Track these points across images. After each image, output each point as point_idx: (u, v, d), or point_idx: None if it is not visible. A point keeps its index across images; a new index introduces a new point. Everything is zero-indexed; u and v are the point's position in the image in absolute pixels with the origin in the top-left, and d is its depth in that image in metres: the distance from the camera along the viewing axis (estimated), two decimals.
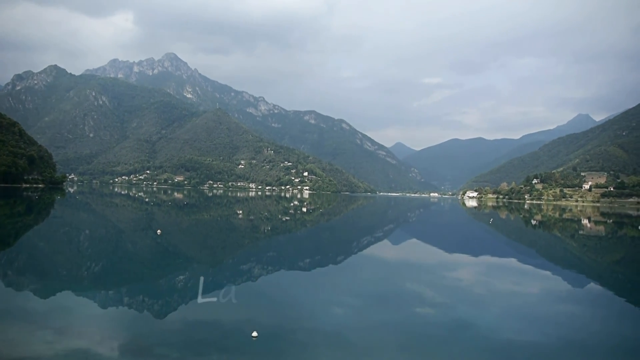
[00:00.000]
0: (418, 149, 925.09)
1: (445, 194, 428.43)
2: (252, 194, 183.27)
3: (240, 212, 61.28)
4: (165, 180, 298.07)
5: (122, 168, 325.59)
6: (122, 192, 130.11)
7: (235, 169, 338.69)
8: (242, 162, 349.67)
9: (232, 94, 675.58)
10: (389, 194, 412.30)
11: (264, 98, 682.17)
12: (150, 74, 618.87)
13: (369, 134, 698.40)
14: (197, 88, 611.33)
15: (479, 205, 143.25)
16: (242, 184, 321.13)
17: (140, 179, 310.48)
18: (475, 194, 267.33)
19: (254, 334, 10.23)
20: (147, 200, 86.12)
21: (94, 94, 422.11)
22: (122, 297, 13.84)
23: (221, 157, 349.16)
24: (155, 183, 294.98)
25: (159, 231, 28.66)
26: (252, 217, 52.58)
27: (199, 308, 12.97)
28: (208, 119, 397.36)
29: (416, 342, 10.68)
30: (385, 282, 18.06)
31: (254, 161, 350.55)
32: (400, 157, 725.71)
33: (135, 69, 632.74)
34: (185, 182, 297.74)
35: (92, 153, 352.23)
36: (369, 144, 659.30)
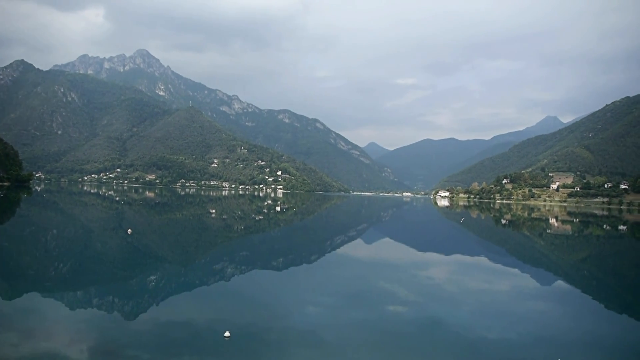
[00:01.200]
0: (391, 148, 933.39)
1: (418, 194, 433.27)
2: (225, 193, 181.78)
3: (213, 211, 60.70)
4: (137, 179, 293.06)
5: (92, 166, 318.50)
6: (92, 191, 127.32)
7: (208, 168, 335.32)
8: (216, 160, 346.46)
9: (206, 92, 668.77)
10: (363, 193, 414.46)
11: (237, 96, 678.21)
12: (122, 70, 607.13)
13: (343, 134, 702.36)
14: (169, 85, 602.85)
15: (450, 204, 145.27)
16: (215, 182, 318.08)
17: (110, 178, 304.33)
18: (447, 194, 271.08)
19: (227, 333, 10.13)
20: (117, 199, 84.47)
21: (62, 90, 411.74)
22: (90, 298, 13.54)
23: (194, 156, 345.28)
24: (126, 182, 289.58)
25: (129, 230, 28.12)
26: (225, 217, 52.14)
27: (170, 308, 12.79)
28: (181, 117, 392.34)
29: (389, 340, 10.75)
30: (359, 280, 18.13)
31: (228, 160, 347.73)
32: (374, 156, 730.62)
33: (106, 65, 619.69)
34: (157, 181, 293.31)
35: (60, 151, 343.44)
36: (343, 144, 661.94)
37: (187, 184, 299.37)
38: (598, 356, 10.49)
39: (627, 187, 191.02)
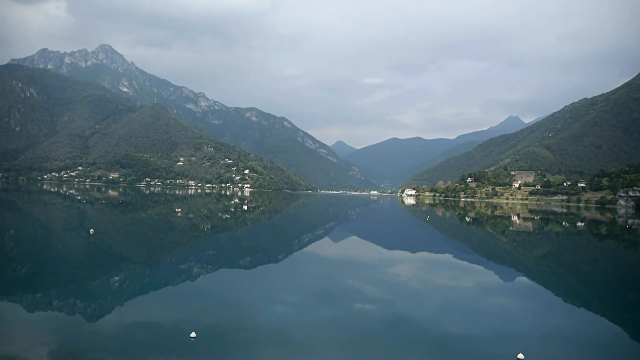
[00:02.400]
0: (359, 147, 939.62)
1: (384, 192, 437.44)
2: (191, 191, 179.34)
3: (179, 210, 59.78)
4: (99, 177, 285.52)
5: (52, 164, 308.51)
6: (52, 190, 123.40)
7: (174, 166, 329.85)
8: (181, 159, 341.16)
9: (171, 89, 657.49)
10: (330, 192, 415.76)
11: (204, 94, 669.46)
12: (84, 65, 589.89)
13: (310, 132, 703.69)
14: (133, 82, 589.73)
15: (417, 203, 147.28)
16: (181, 181, 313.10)
17: (71, 176, 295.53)
18: (413, 192, 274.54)
19: (193, 334, 9.99)
20: (79, 198, 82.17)
21: (20, 85, 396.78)
22: (50, 301, 13.12)
23: (159, 154, 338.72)
24: (88, 180, 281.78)
25: (91, 230, 27.39)
26: (191, 216, 51.44)
27: (134, 309, 12.53)
28: (145, 114, 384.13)
29: (357, 338, 10.81)
30: (327, 279, 18.18)
31: (194, 158, 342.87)
32: (341, 155, 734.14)
33: (67, 60, 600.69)
34: (121, 180, 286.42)
35: (18, 148, 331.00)
36: (311, 142, 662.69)
37: (152, 183, 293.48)
38: (558, 349, 10.82)
39: (584, 185, 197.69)
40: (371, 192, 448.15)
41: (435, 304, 14.79)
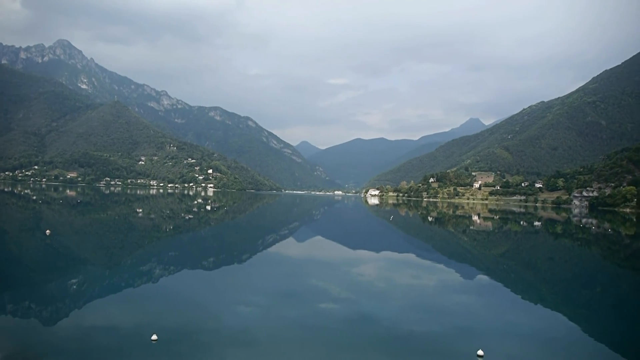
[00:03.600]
0: (323, 147, 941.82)
1: (349, 192, 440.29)
2: (153, 191, 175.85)
3: (140, 210, 58.53)
4: (56, 177, 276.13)
5: (6, 163, 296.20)
6: (6, 189, 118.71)
7: (135, 166, 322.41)
8: (143, 158, 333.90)
9: (133, 86, 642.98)
10: (295, 192, 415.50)
11: (166, 92, 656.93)
12: (40, 61, 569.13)
13: (275, 132, 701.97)
14: (93, 79, 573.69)
15: (380, 203, 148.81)
16: (142, 181, 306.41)
17: (27, 175, 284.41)
18: (377, 192, 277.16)
19: (154, 337, 9.80)
20: (34, 198, 79.34)
21: None
22: (4, 305, 12.63)
23: (120, 153, 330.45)
24: (44, 180, 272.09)
25: (47, 231, 26.48)
26: (153, 216, 50.44)
27: (93, 312, 12.19)
28: (105, 112, 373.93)
29: (321, 337, 10.84)
30: (291, 279, 18.16)
31: (156, 157, 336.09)
32: (306, 155, 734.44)
33: (22, 55, 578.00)
34: (79, 179, 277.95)
35: None
36: (275, 142, 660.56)
37: (112, 182, 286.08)
38: (516, 344, 11.15)
39: (541, 185, 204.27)
40: (335, 192, 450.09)
41: (398, 302, 14.99)
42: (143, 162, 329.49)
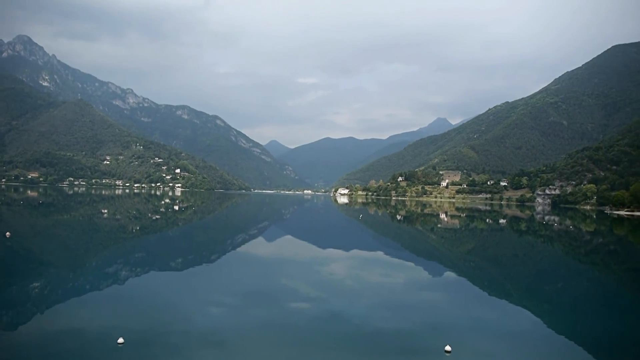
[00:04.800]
0: (293, 147, 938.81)
1: (318, 192, 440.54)
2: (119, 191, 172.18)
3: (106, 211, 57.23)
4: (17, 177, 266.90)
5: None
6: None
7: (99, 165, 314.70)
8: (108, 157, 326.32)
9: (97, 84, 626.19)
10: (264, 191, 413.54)
11: (132, 90, 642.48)
12: None
13: (244, 131, 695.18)
14: (55, 76, 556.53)
15: (350, 201, 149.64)
16: (107, 181, 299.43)
17: None
18: (346, 191, 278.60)
19: (120, 340, 9.59)
20: None
21: None
22: None
23: (83, 152, 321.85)
24: (4, 180, 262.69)
25: (7, 234, 25.58)
26: (118, 217, 49.38)
27: (56, 316, 11.85)
28: (68, 110, 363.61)
29: (291, 336, 10.83)
30: (261, 279, 18.07)
31: (122, 157, 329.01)
32: (275, 154, 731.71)
33: None
34: (41, 179, 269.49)
35: None
36: (244, 141, 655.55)
37: (75, 183, 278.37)
38: (483, 339, 11.37)
39: (506, 184, 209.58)
40: (305, 191, 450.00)
41: (368, 300, 15.11)
42: (108, 162, 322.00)
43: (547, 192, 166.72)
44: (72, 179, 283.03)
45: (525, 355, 10.62)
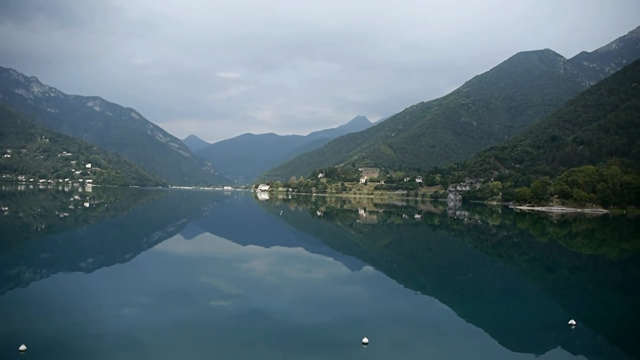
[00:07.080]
0: (212, 142, 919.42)
1: (238, 188, 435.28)
2: (21, 187, 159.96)
3: (6, 208, 52.94)
4: None
5: None
6: None
7: None
8: (9, 150, 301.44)
9: None
10: (182, 187, 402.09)
11: (37, 79, 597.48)
12: None
13: (161, 125, 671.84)
14: None
15: (270, 198, 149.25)
16: (8, 176, 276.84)
17: None
18: (267, 188, 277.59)
19: (22, 347, 8.92)
20: None
21: None
22: None
23: None
24: None
25: None
26: (21, 215, 45.89)
27: None
28: None
29: (212, 335, 10.63)
30: (179, 277, 17.56)
31: (24, 150, 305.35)
32: (194, 150, 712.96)
33: None
34: None
35: None
36: (161, 136, 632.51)
37: None
38: (399, 330, 11.82)
39: (421, 181, 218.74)
40: (225, 187, 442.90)
41: (289, 296, 15.17)
42: (9, 155, 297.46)
43: (459, 188, 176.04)
44: None
45: (438, 344, 11.18)
